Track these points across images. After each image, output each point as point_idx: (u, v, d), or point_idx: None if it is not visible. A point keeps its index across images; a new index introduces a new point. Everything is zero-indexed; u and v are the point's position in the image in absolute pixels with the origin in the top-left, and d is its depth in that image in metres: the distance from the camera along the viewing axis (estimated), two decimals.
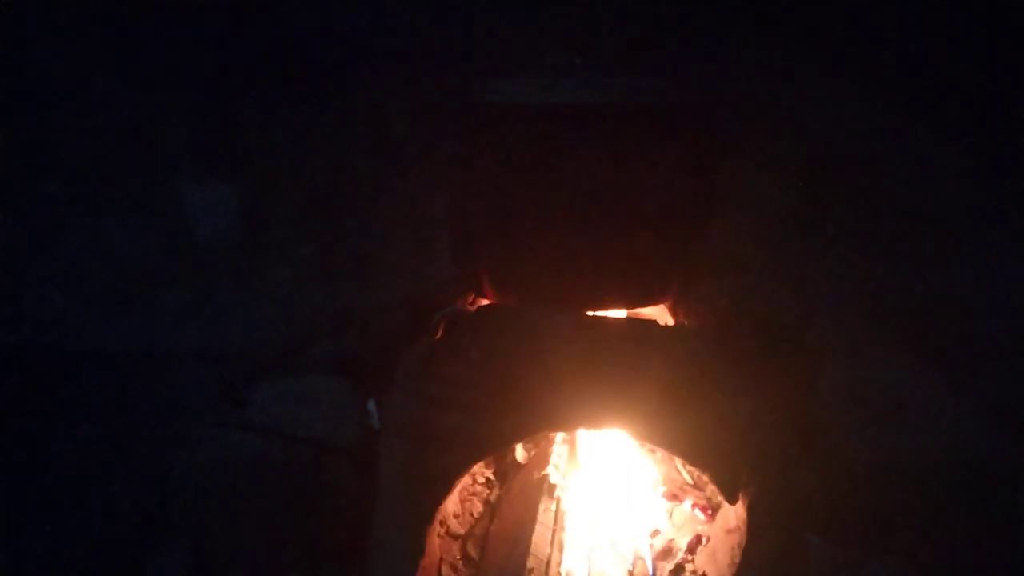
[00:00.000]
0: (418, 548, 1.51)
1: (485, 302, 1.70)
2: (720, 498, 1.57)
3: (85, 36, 2.53)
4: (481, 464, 1.83)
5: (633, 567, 1.67)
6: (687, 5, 2.26)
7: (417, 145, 2.44)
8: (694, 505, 1.80)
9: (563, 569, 1.64)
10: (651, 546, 1.71)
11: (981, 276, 2.27)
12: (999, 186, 2.23)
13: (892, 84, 2.22)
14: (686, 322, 1.76)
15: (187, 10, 2.46)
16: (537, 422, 1.51)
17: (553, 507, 1.75)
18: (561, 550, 1.68)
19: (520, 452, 1.94)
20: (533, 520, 1.67)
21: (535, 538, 1.62)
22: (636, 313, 1.71)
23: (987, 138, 2.19)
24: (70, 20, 2.52)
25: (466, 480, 1.81)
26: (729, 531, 1.59)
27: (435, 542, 1.60)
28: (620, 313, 1.67)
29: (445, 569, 1.62)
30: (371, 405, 1.71)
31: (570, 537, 1.72)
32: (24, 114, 2.60)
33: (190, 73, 2.54)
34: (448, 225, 1.65)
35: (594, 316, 1.60)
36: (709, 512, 1.75)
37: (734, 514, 1.57)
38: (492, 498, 1.86)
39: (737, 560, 1.50)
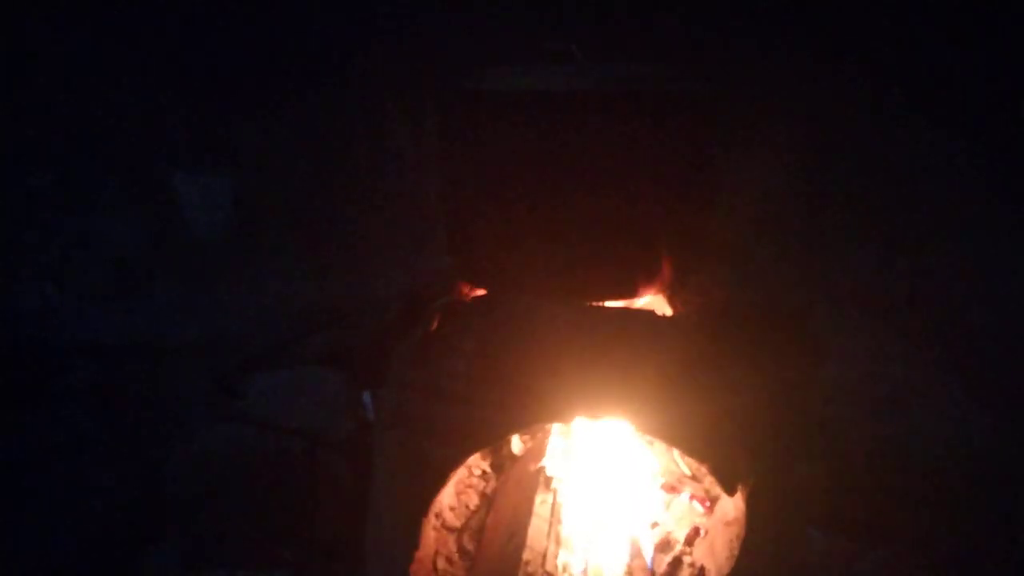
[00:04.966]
0: (413, 540, 1.49)
1: (480, 293, 1.69)
2: (718, 490, 1.56)
3: (80, 29, 2.52)
4: (477, 456, 1.81)
5: (631, 559, 1.66)
6: None
7: (412, 135, 2.43)
8: (692, 497, 1.78)
9: (559, 562, 1.63)
10: (649, 538, 1.70)
11: (984, 270, 2.26)
12: (1004, 179, 2.21)
13: (897, 74, 2.21)
14: (684, 312, 1.75)
15: (182, 3, 2.45)
16: (533, 413, 1.49)
17: (550, 499, 1.74)
18: (558, 542, 1.67)
19: (516, 444, 1.93)
20: (529, 512, 1.66)
21: (531, 530, 1.61)
22: (634, 303, 1.69)
23: (992, 131, 2.17)
24: (66, 15, 2.50)
25: (462, 472, 1.80)
26: (727, 523, 1.58)
27: (430, 534, 1.59)
28: (618, 303, 1.65)
29: (440, 561, 1.62)
30: (366, 397, 1.70)
31: (567, 529, 1.71)
32: (17, 107, 2.59)
33: (184, 66, 2.52)
34: (442, 215, 1.63)
35: (591, 306, 1.58)
36: (707, 504, 1.74)
37: (733, 506, 1.56)
38: (488, 490, 1.85)
39: (735, 552, 1.49)
